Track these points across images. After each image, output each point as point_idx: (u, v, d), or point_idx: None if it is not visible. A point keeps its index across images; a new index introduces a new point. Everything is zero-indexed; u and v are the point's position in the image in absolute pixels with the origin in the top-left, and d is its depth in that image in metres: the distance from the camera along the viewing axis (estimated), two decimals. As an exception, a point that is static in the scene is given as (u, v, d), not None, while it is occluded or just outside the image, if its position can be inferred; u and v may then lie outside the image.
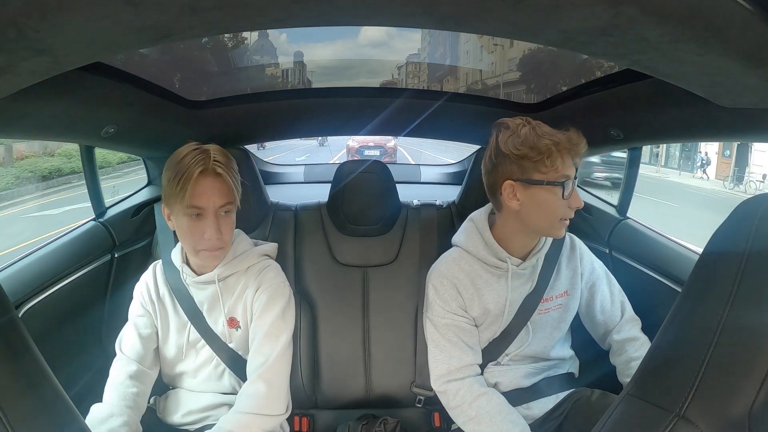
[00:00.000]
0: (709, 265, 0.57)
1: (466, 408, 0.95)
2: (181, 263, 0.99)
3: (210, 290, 0.98)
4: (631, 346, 1.02)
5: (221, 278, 0.97)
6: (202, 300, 0.99)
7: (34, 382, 0.58)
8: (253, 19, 0.50)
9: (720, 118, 0.79)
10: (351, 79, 1.32)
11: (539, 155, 0.88)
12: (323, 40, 1.25)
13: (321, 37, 1.24)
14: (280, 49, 1.24)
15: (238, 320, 0.99)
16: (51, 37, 0.47)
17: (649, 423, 0.53)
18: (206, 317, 0.99)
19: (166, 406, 1.03)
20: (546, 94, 1.28)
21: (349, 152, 9.69)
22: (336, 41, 1.27)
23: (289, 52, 1.25)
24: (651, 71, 0.62)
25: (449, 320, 1.00)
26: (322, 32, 1.14)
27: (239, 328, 0.99)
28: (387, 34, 1.23)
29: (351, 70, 1.32)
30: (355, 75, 1.33)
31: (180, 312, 1.00)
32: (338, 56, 1.31)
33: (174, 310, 1.00)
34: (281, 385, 0.95)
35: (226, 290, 0.99)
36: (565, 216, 0.92)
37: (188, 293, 0.99)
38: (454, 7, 0.47)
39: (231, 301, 0.99)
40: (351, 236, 1.30)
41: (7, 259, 1.04)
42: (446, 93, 1.29)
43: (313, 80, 1.35)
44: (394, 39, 1.32)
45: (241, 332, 0.99)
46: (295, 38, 1.23)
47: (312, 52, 1.27)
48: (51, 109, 0.80)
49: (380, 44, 1.26)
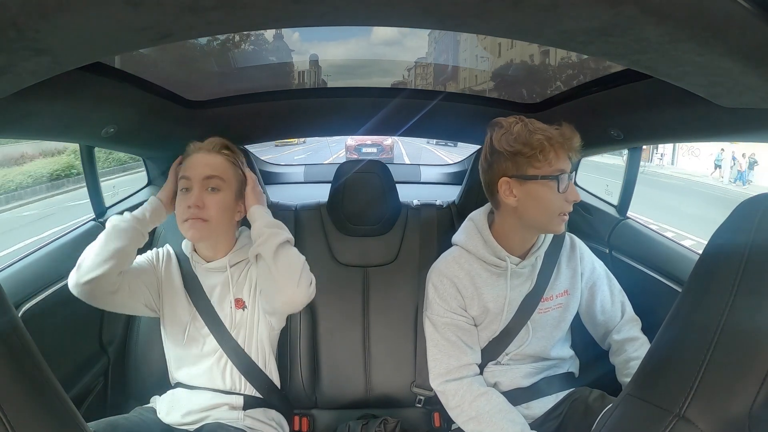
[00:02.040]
0: (710, 264, 0.57)
1: (465, 407, 0.95)
2: (190, 251, 1.04)
3: (221, 276, 1.02)
4: (630, 346, 1.02)
5: (232, 264, 1.02)
6: (212, 285, 1.02)
7: (34, 383, 0.58)
8: (253, 19, 0.50)
9: (720, 118, 0.79)
10: (364, 78, 1.32)
11: (532, 150, 0.89)
12: (336, 39, 1.25)
13: (334, 36, 1.24)
14: (295, 51, 1.25)
15: (244, 300, 1.02)
16: (51, 37, 0.47)
17: (649, 423, 0.53)
18: (215, 304, 1.02)
19: (166, 406, 1.03)
20: (545, 94, 1.28)
21: (347, 150, 9.97)
22: (349, 40, 1.27)
23: (302, 50, 1.25)
24: (651, 71, 0.62)
25: (449, 319, 1.00)
26: (336, 31, 1.14)
27: (245, 308, 1.02)
28: (400, 32, 1.23)
29: (363, 69, 1.32)
30: (367, 74, 1.33)
31: (188, 299, 1.03)
32: (351, 55, 1.31)
33: (183, 297, 1.03)
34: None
35: (235, 275, 1.03)
36: (563, 210, 0.93)
37: (198, 281, 1.03)
38: (454, 7, 0.47)
39: (237, 283, 1.03)
40: (351, 236, 1.30)
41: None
42: (446, 93, 1.29)
43: (327, 81, 1.36)
44: (407, 37, 1.32)
45: (248, 313, 1.02)
46: (308, 37, 1.23)
47: (325, 51, 1.27)
48: (51, 109, 0.80)
49: (393, 43, 1.25)
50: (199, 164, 0.97)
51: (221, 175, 0.97)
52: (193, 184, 0.96)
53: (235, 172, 1.01)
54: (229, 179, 0.99)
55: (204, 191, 0.96)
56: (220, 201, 0.96)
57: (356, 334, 1.23)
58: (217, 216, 0.96)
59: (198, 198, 0.94)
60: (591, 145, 1.02)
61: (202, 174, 0.96)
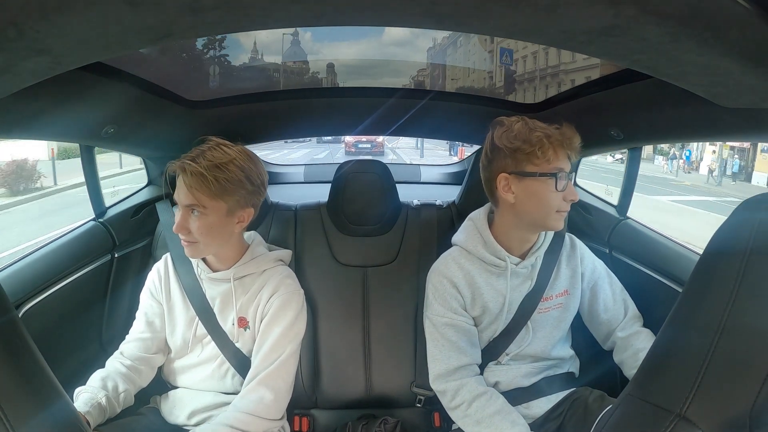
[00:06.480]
0: (711, 264, 0.57)
1: (465, 408, 0.95)
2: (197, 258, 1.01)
3: (224, 287, 1.00)
4: (636, 340, 1.02)
5: (237, 277, 0.99)
6: (214, 296, 1.00)
7: (34, 382, 0.58)
8: (253, 19, 0.50)
9: (720, 118, 0.79)
10: (375, 78, 1.32)
11: (531, 147, 0.91)
12: (348, 39, 1.25)
13: (346, 36, 1.24)
14: (310, 55, 1.25)
15: (248, 321, 1.00)
16: (51, 37, 0.47)
17: (650, 423, 0.53)
18: (216, 314, 1.00)
19: (167, 405, 1.03)
20: (546, 94, 1.28)
21: (346, 146, 12.10)
22: (360, 40, 1.27)
23: (313, 51, 1.26)
24: (651, 71, 0.62)
25: (449, 319, 1.00)
26: (348, 32, 1.14)
27: (248, 328, 1.00)
28: (412, 32, 1.23)
29: (374, 70, 1.32)
30: (378, 75, 1.33)
31: (189, 306, 1.01)
32: (363, 56, 1.31)
33: (183, 304, 1.02)
34: (286, 391, 0.96)
35: (240, 289, 1.00)
36: (561, 208, 0.93)
37: (200, 288, 1.01)
38: (454, 6, 0.47)
39: (243, 301, 0.99)
40: (351, 236, 1.30)
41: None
42: (446, 93, 1.29)
43: (340, 82, 1.37)
44: (419, 38, 1.32)
45: (250, 333, 1.00)
46: (320, 38, 1.23)
47: (337, 51, 1.27)
48: (51, 109, 0.80)
49: (404, 43, 1.25)
50: (180, 190, 0.90)
51: (201, 203, 0.89)
52: (180, 206, 0.91)
53: (221, 195, 0.90)
54: (212, 204, 0.90)
55: (189, 214, 0.90)
56: (204, 225, 0.90)
57: (356, 334, 1.23)
58: (204, 239, 0.91)
59: (179, 225, 0.90)
60: (591, 145, 1.02)
61: (183, 202, 0.90)
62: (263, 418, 0.91)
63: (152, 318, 1.03)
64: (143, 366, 1.01)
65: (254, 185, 0.94)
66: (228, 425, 0.88)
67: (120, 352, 1.02)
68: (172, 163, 0.91)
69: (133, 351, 1.01)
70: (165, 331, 1.03)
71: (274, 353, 0.95)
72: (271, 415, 0.93)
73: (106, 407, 0.91)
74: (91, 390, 0.92)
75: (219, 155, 0.90)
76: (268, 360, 0.94)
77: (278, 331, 0.96)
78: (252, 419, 0.90)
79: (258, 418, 0.90)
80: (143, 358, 1.01)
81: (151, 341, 1.02)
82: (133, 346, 1.02)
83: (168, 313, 1.03)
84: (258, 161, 0.97)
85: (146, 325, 1.03)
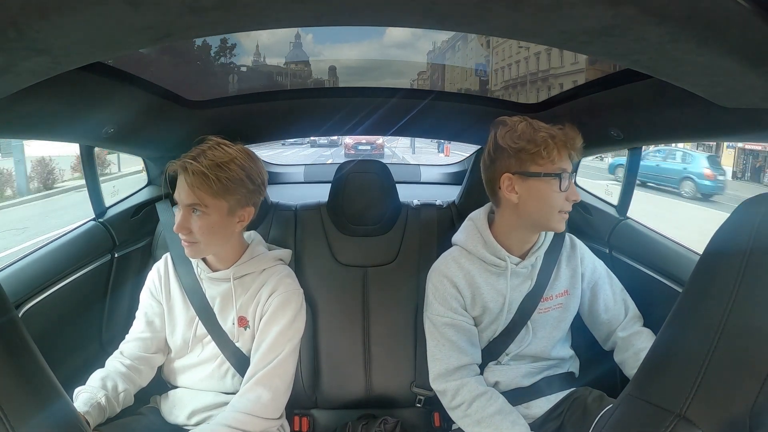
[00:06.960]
0: (711, 264, 0.57)
1: (465, 408, 0.95)
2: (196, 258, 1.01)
3: (224, 287, 1.00)
4: (637, 339, 1.02)
5: (236, 277, 0.99)
6: (214, 295, 1.00)
7: (34, 382, 0.58)
8: (253, 19, 0.50)
9: (720, 118, 0.79)
10: (377, 80, 1.32)
11: (536, 147, 0.90)
12: (349, 41, 1.25)
13: (347, 38, 1.24)
14: (312, 57, 1.25)
15: (248, 320, 1.00)
16: (51, 37, 0.47)
17: (650, 423, 0.53)
18: (216, 313, 1.00)
19: (167, 405, 1.03)
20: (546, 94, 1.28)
21: (345, 148, 12.08)
22: (362, 42, 1.27)
23: (314, 53, 1.26)
24: (651, 71, 0.62)
25: (449, 319, 1.00)
26: (349, 34, 1.14)
27: (248, 327, 1.00)
28: (412, 35, 1.23)
29: (376, 72, 1.32)
30: (380, 76, 1.33)
31: (189, 306, 1.01)
32: (364, 57, 1.31)
33: (183, 304, 1.02)
34: (284, 391, 0.96)
35: (240, 289, 1.00)
36: (563, 209, 0.94)
37: (200, 288, 1.01)
38: (453, 7, 0.47)
39: (243, 300, 1.00)
40: (351, 236, 1.30)
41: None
42: (446, 93, 1.29)
43: (342, 84, 1.36)
44: (419, 40, 1.32)
45: (250, 332, 1.00)
46: (322, 40, 1.23)
47: (339, 53, 1.27)
48: (51, 109, 0.80)
49: (405, 45, 1.25)
50: (182, 189, 0.90)
51: (203, 202, 0.89)
52: (180, 206, 0.91)
53: (223, 194, 0.90)
54: (214, 203, 0.90)
55: (190, 214, 0.90)
56: (205, 225, 0.90)
57: (356, 334, 1.23)
58: (205, 238, 0.92)
59: (180, 225, 0.90)
60: (591, 145, 1.02)
61: (184, 201, 0.90)
62: (261, 418, 0.91)
63: (152, 318, 1.03)
64: (143, 366, 1.01)
65: (255, 184, 0.94)
66: (226, 425, 0.88)
67: (120, 351, 1.02)
68: (173, 162, 0.91)
69: (132, 351, 1.01)
70: (165, 330, 1.03)
71: (273, 352, 0.95)
72: (268, 414, 0.92)
73: (106, 407, 0.91)
74: (91, 390, 0.92)
75: (220, 154, 0.90)
76: (266, 359, 0.94)
77: (277, 330, 0.96)
78: (250, 419, 0.90)
79: (256, 418, 0.90)
80: (143, 357, 1.01)
81: (151, 341, 1.02)
82: (133, 345, 1.02)
83: (168, 313, 1.03)
84: (258, 160, 0.97)
85: (146, 324, 1.03)
